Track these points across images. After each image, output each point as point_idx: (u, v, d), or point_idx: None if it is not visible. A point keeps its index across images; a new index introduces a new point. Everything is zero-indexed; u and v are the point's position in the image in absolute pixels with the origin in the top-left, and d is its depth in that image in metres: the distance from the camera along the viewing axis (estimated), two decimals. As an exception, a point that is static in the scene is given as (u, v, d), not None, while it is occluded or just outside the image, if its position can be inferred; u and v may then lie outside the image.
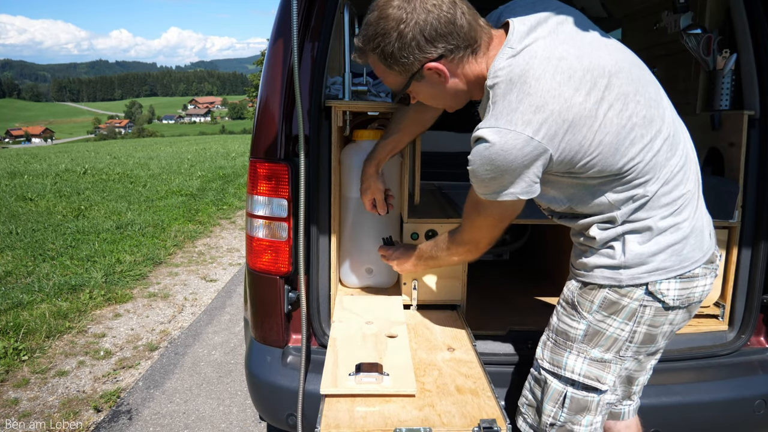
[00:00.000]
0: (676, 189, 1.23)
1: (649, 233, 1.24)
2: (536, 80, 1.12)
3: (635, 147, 1.16)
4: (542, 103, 1.11)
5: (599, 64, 1.15)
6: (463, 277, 1.93)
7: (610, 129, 1.14)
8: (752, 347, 1.88)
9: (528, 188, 1.18)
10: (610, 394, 1.40)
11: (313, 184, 1.74)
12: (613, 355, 1.33)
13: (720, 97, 1.99)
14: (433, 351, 1.62)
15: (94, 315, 3.88)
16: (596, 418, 1.39)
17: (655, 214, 1.23)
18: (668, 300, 1.26)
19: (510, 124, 1.12)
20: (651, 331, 1.30)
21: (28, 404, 2.74)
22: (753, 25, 1.80)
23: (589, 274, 1.31)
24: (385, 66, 1.25)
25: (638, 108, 1.17)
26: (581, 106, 1.11)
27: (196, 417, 2.67)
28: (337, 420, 1.26)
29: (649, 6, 2.58)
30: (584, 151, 1.14)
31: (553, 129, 1.11)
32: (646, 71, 1.26)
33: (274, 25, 1.77)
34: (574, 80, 1.12)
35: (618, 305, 1.28)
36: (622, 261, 1.25)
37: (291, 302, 1.77)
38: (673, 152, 1.23)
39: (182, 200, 8.06)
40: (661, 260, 1.24)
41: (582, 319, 1.33)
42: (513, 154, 1.12)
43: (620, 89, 1.15)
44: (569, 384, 1.37)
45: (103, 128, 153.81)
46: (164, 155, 16.07)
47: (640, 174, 1.19)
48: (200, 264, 5.20)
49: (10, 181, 9.81)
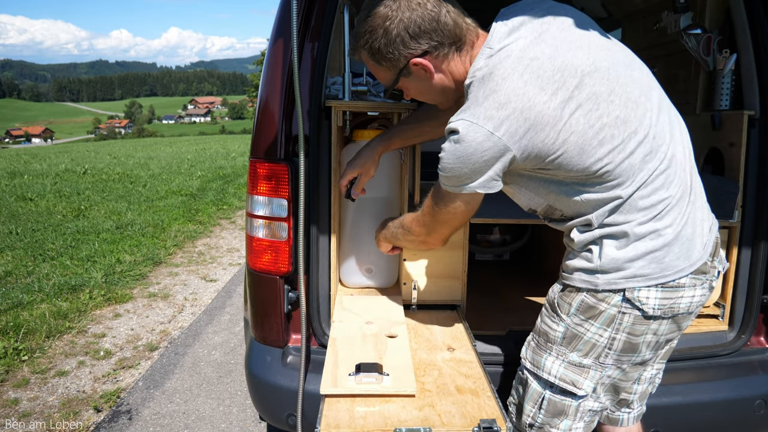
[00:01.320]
0: (656, 193, 1.20)
1: (626, 239, 1.22)
2: (503, 79, 1.14)
3: (604, 147, 1.15)
4: (506, 100, 1.13)
5: (572, 63, 1.15)
6: (463, 277, 1.93)
7: (575, 129, 1.14)
8: (752, 347, 1.88)
9: (486, 183, 1.20)
10: (592, 401, 1.38)
11: (313, 184, 1.75)
12: (592, 360, 1.31)
13: (720, 97, 1.99)
14: (433, 351, 1.62)
15: (94, 315, 3.89)
16: (576, 424, 1.38)
17: (632, 218, 1.21)
18: (647, 309, 1.23)
19: (473, 117, 1.15)
20: (631, 339, 1.28)
21: (28, 404, 2.74)
22: (753, 25, 1.80)
23: (569, 276, 1.32)
24: (374, 62, 1.30)
25: (611, 108, 1.16)
26: (544, 105, 1.12)
27: (196, 417, 2.67)
28: (337, 420, 1.26)
29: (649, 6, 2.58)
30: (548, 150, 1.15)
31: (513, 127, 1.12)
32: (635, 71, 1.24)
33: (274, 25, 1.77)
34: (541, 80, 1.13)
35: (595, 310, 1.27)
36: (598, 265, 1.24)
37: (291, 302, 1.77)
38: (653, 155, 1.19)
39: (182, 200, 8.06)
40: (639, 267, 1.22)
41: (561, 321, 1.33)
42: (473, 147, 1.14)
43: (592, 89, 1.15)
44: (547, 386, 1.37)
45: (103, 128, 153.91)
46: (164, 155, 16.08)
47: (612, 176, 1.17)
48: (200, 264, 5.21)
49: (10, 181, 9.81)
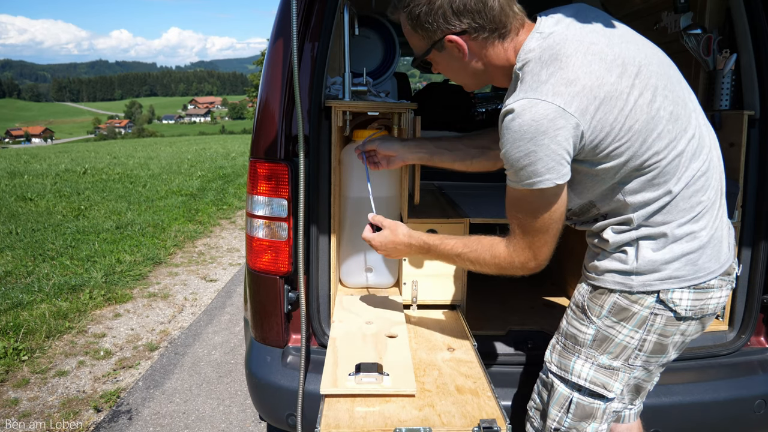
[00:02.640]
0: (697, 195, 1.20)
1: (664, 240, 1.21)
2: (568, 57, 1.12)
3: (662, 141, 1.14)
4: (574, 77, 1.10)
5: (628, 54, 1.15)
6: (463, 277, 1.93)
7: (639, 116, 1.12)
8: (752, 347, 1.88)
9: (562, 169, 1.12)
10: (617, 402, 1.38)
11: (313, 184, 1.75)
12: (621, 362, 1.30)
13: (720, 97, 1.99)
14: (433, 351, 1.62)
15: (94, 315, 3.88)
16: (601, 426, 1.37)
17: (672, 219, 1.20)
18: (680, 310, 1.23)
19: (540, 95, 1.09)
20: (662, 341, 1.27)
21: (28, 404, 2.74)
22: (753, 25, 1.80)
23: (600, 277, 1.29)
24: (411, 27, 1.27)
25: (666, 103, 1.15)
26: (613, 86, 1.10)
27: (196, 417, 2.67)
28: (337, 420, 1.26)
29: (649, 6, 2.57)
30: (614, 135, 1.12)
31: (584, 103, 1.09)
32: (675, 71, 1.25)
33: (274, 25, 1.77)
34: (605, 62, 1.12)
35: (628, 311, 1.26)
36: (635, 267, 1.23)
37: (291, 302, 1.77)
38: (697, 156, 1.20)
39: (182, 200, 8.05)
40: (674, 269, 1.21)
41: (591, 323, 1.31)
42: (544, 125, 1.08)
43: (649, 80, 1.14)
44: (576, 389, 1.35)
45: (103, 128, 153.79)
46: (164, 155, 16.06)
47: (662, 172, 1.16)
48: (200, 264, 5.20)
49: (10, 181, 9.80)
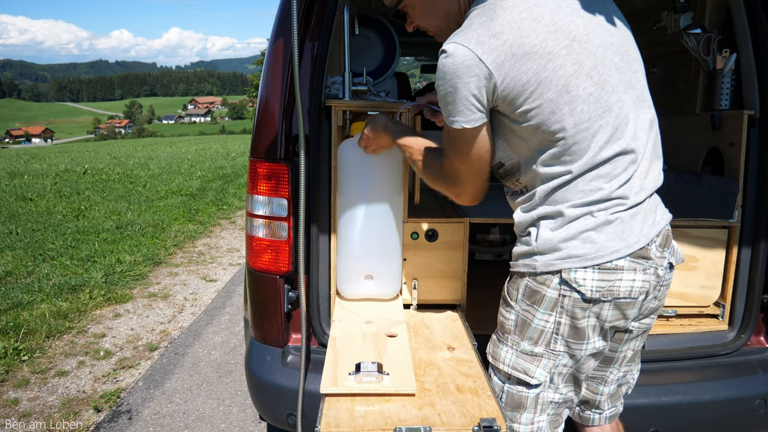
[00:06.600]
0: (598, 180, 1.20)
1: (561, 219, 1.22)
2: (503, 10, 1.16)
3: (572, 118, 1.15)
4: (500, 30, 1.14)
5: (568, 27, 1.16)
6: (463, 277, 1.93)
7: (553, 86, 1.14)
8: (752, 347, 1.88)
9: (471, 115, 1.18)
10: (552, 392, 1.36)
11: (313, 184, 1.75)
12: (543, 348, 1.30)
13: (720, 97, 1.99)
14: (433, 350, 1.62)
15: (94, 315, 3.89)
16: (538, 417, 1.36)
17: (570, 198, 1.21)
18: (585, 291, 1.22)
19: (465, 41, 1.16)
20: (575, 323, 1.26)
21: (28, 404, 2.74)
22: (753, 25, 1.80)
23: (514, 263, 1.33)
24: None
25: (588, 83, 1.16)
26: (534, 48, 1.14)
27: (196, 417, 2.67)
28: (337, 419, 1.26)
29: (649, 6, 2.58)
30: (526, 95, 1.15)
31: (501, 58, 1.13)
32: (623, 61, 1.23)
33: (274, 25, 1.77)
34: (537, 23, 1.15)
35: (538, 294, 1.27)
36: (536, 247, 1.26)
37: (291, 302, 1.77)
38: (610, 144, 1.19)
39: (182, 200, 8.06)
40: (573, 247, 1.21)
41: (511, 309, 1.33)
42: (461, 71, 1.15)
43: (577, 57, 1.15)
44: (506, 378, 1.38)
45: (103, 128, 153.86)
46: (164, 155, 16.07)
47: (567, 149, 1.18)
48: (200, 264, 5.21)
49: (10, 181, 9.81)
